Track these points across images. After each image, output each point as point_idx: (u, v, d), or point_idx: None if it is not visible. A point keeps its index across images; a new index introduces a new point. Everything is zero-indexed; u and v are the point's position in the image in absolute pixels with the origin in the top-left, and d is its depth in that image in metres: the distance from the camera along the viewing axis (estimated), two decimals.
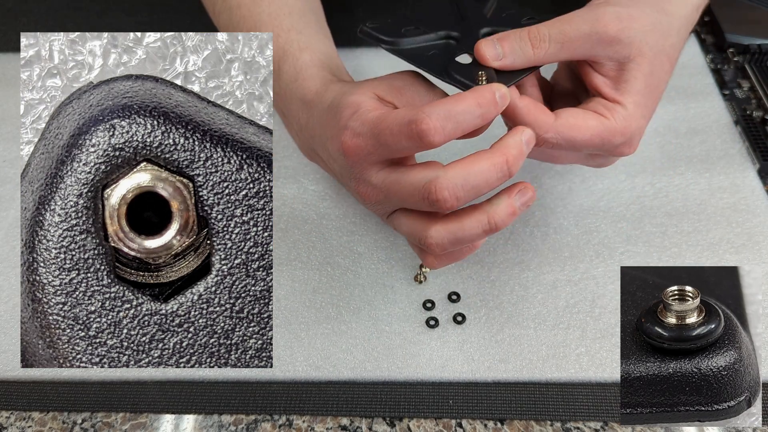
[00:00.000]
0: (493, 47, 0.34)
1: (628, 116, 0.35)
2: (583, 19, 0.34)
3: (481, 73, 0.33)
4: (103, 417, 0.39)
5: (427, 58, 0.35)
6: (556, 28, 0.34)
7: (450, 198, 0.31)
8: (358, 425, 0.38)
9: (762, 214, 0.47)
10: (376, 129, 0.32)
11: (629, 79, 0.35)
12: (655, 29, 0.35)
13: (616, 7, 0.34)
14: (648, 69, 0.35)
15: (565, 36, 0.34)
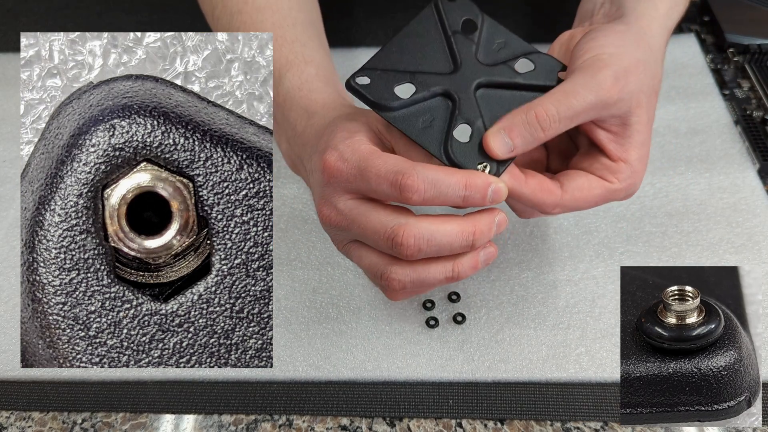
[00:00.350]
0: (503, 142, 0.33)
1: (633, 173, 0.36)
2: (587, 89, 0.33)
3: (485, 165, 0.32)
4: (103, 417, 0.39)
5: (423, 130, 0.33)
6: (563, 104, 0.33)
7: (413, 247, 0.32)
8: (358, 425, 0.38)
9: (762, 214, 0.47)
10: (364, 163, 0.32)
11: (632, 133, 0.35)
12: (646, 72, 0.35)
13: (612, 67, 0.34)
14: (646, 117, 0.36)
15: (574, 111, 0.33)
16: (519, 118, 0.33)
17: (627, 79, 0.34)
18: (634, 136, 0.35)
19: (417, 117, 0.33)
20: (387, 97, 0.33)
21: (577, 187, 0.35)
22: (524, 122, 0.33)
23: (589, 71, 0.34)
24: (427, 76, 0.34)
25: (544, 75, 0.36)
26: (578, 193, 0.35)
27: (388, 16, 0.64)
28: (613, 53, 0.34)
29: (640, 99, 0.35)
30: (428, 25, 0.36)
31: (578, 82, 0.33)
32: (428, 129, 0.33)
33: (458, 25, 0.36)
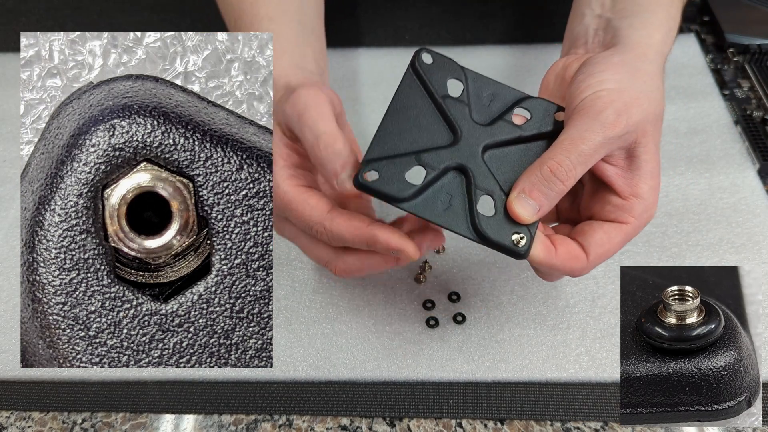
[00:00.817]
0: (527, 204, 0.32)
1: (648, 206, 0.35)
2: (592, 131, 0.33)
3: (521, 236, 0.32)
4: (103, 417, 0.39)
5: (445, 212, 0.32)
6: (574, 152, 0.33)
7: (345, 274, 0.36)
8: (358, 425, 0.38)
9: (762, 214, 0.47)
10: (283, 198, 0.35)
11: (640, 164, 0.35)
12: (650, 102, 0.35)
13: (614, 104, 0.33)
14: (653, 145, 0.35)
15: (585, 156, 0.33)
16: (535, 177, 0.33)
17: (629, 113, 0.33)
18: (642, 167, 0.35)
19: (435, 199, 0.32)
20: (400, 188, 0.32)
21: (598, 244, 0.34)
22: (541, 180, 0.32)
23: (591, 112, 0.33)
24: (432, 153, 0.33)
25: (542, 121, 0.35)
26: (601, 249, 0.34)
27: (388, 16, 0.64)
28: (613, 89, 0.34)
29: (645, 128, 0.34)
30: (414, 95, 0.35)
31: (583, 126, 0.33)
32: (450, 209, 0.32)
33: (444, 88, 0.35)
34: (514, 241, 0.32)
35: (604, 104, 0.33)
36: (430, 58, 0.35)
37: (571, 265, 0.34)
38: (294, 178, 0.36)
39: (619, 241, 0.35)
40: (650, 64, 0.37)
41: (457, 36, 0.63)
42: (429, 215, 0.32)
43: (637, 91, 0.34)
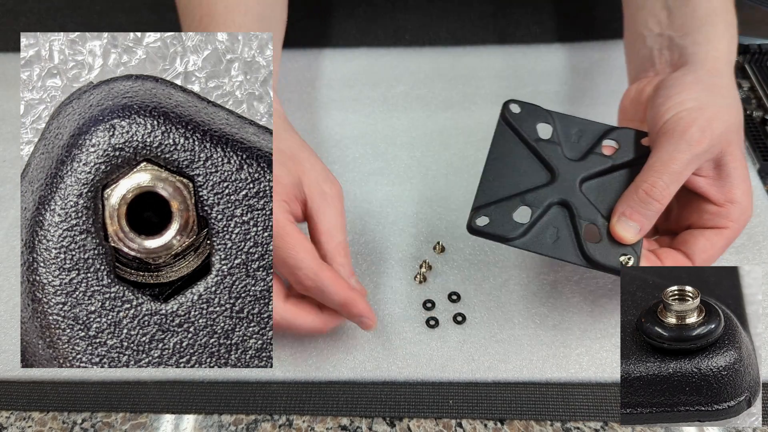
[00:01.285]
0: (628, 226, 0.35)
1: (745, 209, 0.37)
2: (680, 151, 0.35)
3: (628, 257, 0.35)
4: (103, 417, 0.39)
5: (554, 244, 0.35)
6: (666, 173, 0.35)
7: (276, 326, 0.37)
8: (358, 425, 0.38)
9: (762, 214, 0.47)
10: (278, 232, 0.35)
11: (730, 171, 0.36)
12: (730, 114, 0.37)
13: (697, 122, 0.35)
14: (738, 152, 0.37)
15: (676, 174, 0.35)
16: (633, 200, 0.35)
17: (712, 128, 0.35)
18: (732, 174, 0.36)
19: (543, 234, 0.35)
20: (510, 228, 0.35)
21: (702, 250, 0.37)
22: (638, 202, 0.35)
23: (676, 132, 0.35)
24: (534, 192, 0.36)
25: (630, 148, 0.38)
26: (705, 255, 0.37)
27: (388, 16, 0.64)
28: (693, 107, 0.36)
29: (729, 138, 0.36)
30: (508, 142, 0.38)
31: (670, 147, 0.35)
32: (558, 241, 0.35)
33: (535, 133, 0.38)
34: (623, 262, 0.35)
35: (687, 124, 0.35)
36: (518, 108, 0.39)
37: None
38: (289, 213, 0.37)
39: (722, 245, 0.37)
40: (722, 77, 0.38)
41: (457, 36, 0.63)
42: (540, 249, 0.35)
43: (717, 106, 0.36)
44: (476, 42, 0.62)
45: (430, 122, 0.55)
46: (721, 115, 0.36)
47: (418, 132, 0.55)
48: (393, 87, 0.58)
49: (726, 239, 0.37)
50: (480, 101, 0.57)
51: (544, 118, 0.39)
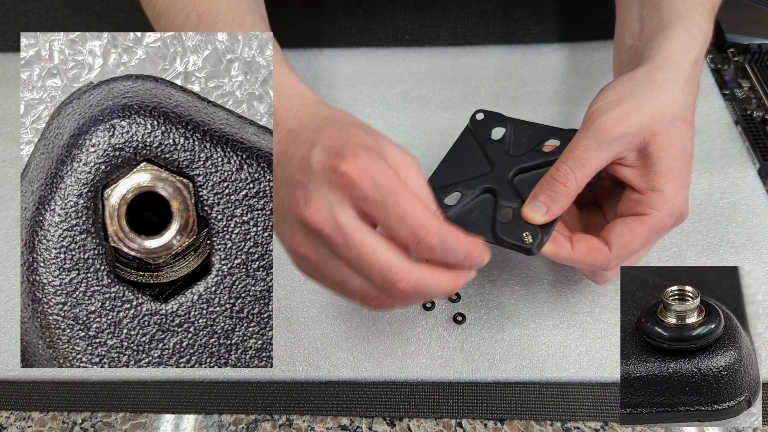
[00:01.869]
0: (536, 208, 0.37)
1: (669, 198, 0.36)
2: (587, 137, 0.36)
3: (527, 234, 0.36)
4: (103, 417, 0.39)
5: (474, 223, 0.38)
6: (570, 158, 0.37)
7: (406, 293, 0.32)
8: (358, 425, 0.38)
9: (762, 214, 0.47)
10: (393, 197, 0.31)
11: (654, 162, 0.36)
12: (655, 106, 0.37)
13: (611, 112, 0.36)
14: (666, 142, 0.37)
15: (580, 159, 0.36)
16: (542, 184, 0.37)
17: (626, 117, 0.36)
18: (656, 163, 0.36)
19: (469, 214, 0.38)
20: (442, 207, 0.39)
21: (618, 235, 0.37)
22: (545, 185, 0.37)
23: (588, 121, 0.37)
24: (471, 181, 0.40)
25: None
26: (622, 239, 0.36)
27: (388, 16, 0.64)
28: (612, 100, 0.37)
29: (654, 128, 0.36)
30: (465, 143, 0.43)
31: (579, 134, 0.37)
32: (478, 221, 0.38)
33: (488, 135, 0.42)
34: (524, 238, 0.36)
35: (599, 114, 0.37)
36: (482, 115, 0.44)
37: (593, 257, 0.36)
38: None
39: (641, 232, 0.36)
40: (665, 72, 0.38)
41: (457, 36, 0.63)
42: (461, 224, 0.36)
43: (639, 98, 0.37)
44: (476, 42, 0.62)
45: (430, 122, 0.55)
46: (643, 106, 0.36)
47: (418, 132, 0.55)
48: (393, 87, 0.58)
49: (646, 226, 0.36)
50: (480, 101, 0.57)
51: (501, 123, 0.43)
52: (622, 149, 0.36)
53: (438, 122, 0.55)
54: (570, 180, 0.36)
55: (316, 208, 0.31)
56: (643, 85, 0.38)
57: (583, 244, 0.37)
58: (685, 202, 0.37)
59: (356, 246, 0.31)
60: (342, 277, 0.33)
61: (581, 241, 0.37)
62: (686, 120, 0.38)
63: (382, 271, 0.31)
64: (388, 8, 0.65)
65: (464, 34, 0.63)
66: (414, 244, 0.31)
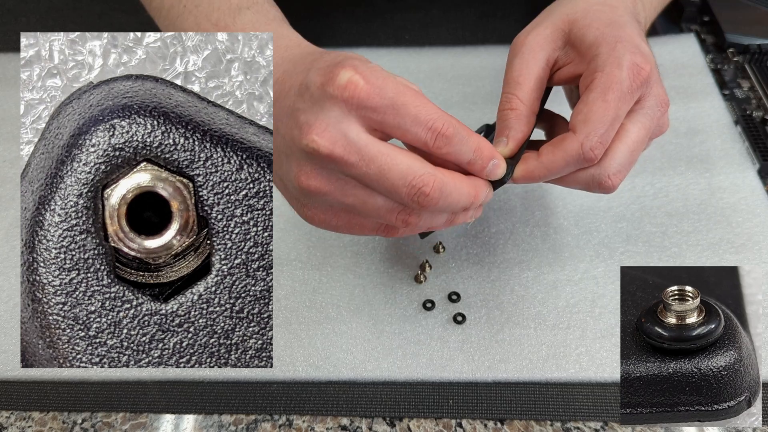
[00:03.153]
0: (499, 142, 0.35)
1: (607, 55, 0.33)
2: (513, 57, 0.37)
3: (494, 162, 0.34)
4: (103, 417, 0.39)
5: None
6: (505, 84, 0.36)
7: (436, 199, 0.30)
8: (358, 425, 0.38)
9: (762, 214, 0.47)
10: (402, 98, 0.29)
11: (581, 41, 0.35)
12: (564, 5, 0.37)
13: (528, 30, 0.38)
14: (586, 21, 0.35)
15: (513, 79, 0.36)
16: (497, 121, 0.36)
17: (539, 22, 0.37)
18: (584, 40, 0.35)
19: None
20: None
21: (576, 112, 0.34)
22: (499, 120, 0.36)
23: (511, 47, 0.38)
24: None
25: None
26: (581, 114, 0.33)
27: (388, 16, 0.64)
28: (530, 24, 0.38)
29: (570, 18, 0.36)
30: None
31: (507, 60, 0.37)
32: None
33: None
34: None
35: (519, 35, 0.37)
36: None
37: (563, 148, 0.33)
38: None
39: (595, 96, 0.33)
40: None
41: (457, 36, 0.63)
42: None
43: (548, 9, 0.38)
44: (476, 42, 0.62)
45: None
46: (554, 10, 0.37)
47: None
48: None
49: (597, 89, 0.33)
50: (480, 101, 0.57)
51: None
52: (546, 53, 0.36)
53: None
54: (513, 101, 0.35)
55: (322, 129, 0.29)
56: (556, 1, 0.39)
57: (547, 145, 0.34)
58: (631, 53, 0.33)
59: (374, 158, 0.29)
60: (362, 200, 0.31)
61: (546, 146, 0.34)
62: (606, 3, 0.36)
63: (407, 178, 0.30)
64: (388, 8, 0.65)
65: (464, 34, 0.63)
66: (432, 138, 0.30)
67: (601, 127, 0.33)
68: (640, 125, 0.35)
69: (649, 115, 0.35)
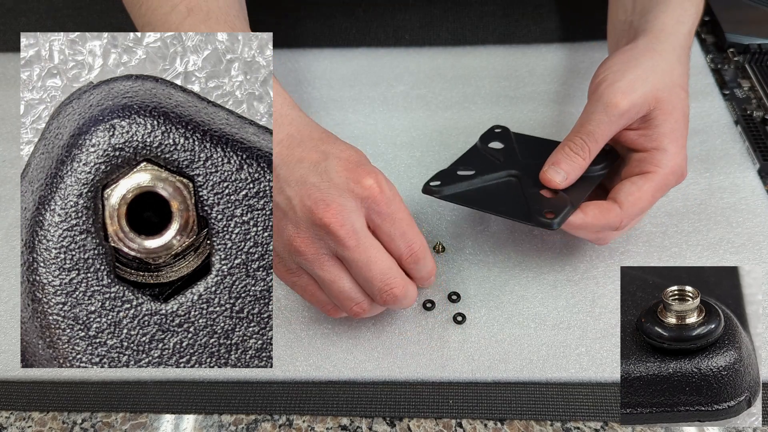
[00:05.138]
0: (557, 173, 0.40)
1: (672, 156, 0.39)
2: (597, 111, 0.39)
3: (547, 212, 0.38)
4: (103, 417, 0.39)
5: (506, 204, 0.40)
6: (584, 132, 0.39)
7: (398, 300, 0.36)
8: (358, 425, 0.38)
9: (762, 214, 0.47)
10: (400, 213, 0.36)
11: (658, 124, 0.39)
12: (657, 75, 0.39)
13: (617, 83, 0.39)
14: (669, 107, 0.39)
15: (595, 134, 0.39)
16: (559, 154, 0.40)
17: (633, 88, 0.39)
18: (660, 125, 0.39)
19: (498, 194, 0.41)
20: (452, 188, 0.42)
21: (627, 193, 0.39)
22: (564, 156, 0.40)
23: (597, 94, 0.39)
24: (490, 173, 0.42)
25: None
26: (632, 197, 0.39)
27: (388, 16, 0.64)
28: (617, 69, 0.40)
29: (658, 96, 0.39)
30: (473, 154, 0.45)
31: (590, 108, 0.40)
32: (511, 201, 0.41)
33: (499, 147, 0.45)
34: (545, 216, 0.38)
35: (607, 85, 0.39)
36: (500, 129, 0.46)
37: (606, 217, 0.39)
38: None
39: (648, 188, 0.39)
40: (662, 43, 0.41)
41: (457, 36, 0.63)
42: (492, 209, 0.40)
43: (643, 68, 0.39)
44: (476, 42, 0.62)
45: (430, 122, 0.55)
46: (646, 76, 0.39)
47: (418, 132, 0.55)
48: (393, 87, 0.58)
49: (652, 183, 0.39)
50: (480, 101, 0.57)
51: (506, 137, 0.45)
52: (631, 120, 0.39)
53: (438, 122, 0.55)
54: (585, 151, 0.39)
55: (337, 212, 0.34)
56: (644, 54, 0.40)
57: (594, 206, 0.39)
58: (685, 161, 0.40)
59: (367, 249, 0.35)
60: (333, 278, 0.36)
61: (591, 205, 0.39)
62: (684, 88, 0.40)
63: (386, 275, 0.36)
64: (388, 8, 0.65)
65: (464, 34, 0.63)
66: (408, 254, 0.37)
67: (640, 214, 0.40)
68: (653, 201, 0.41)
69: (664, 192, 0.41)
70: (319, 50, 0.62)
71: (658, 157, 0.39)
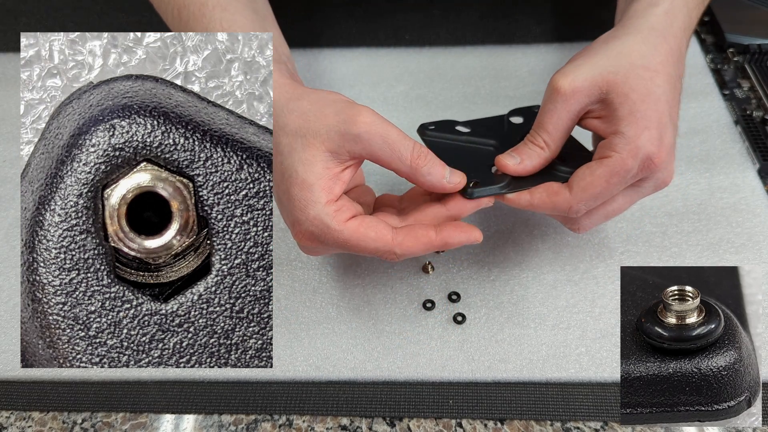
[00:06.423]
0: (511, 157, 0.38)
1: (629, 140, 0.36)
2: (545, 100, 0.38)
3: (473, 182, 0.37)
4: (103, 417, 0.39)
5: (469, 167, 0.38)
6: (536, 124, 0.39)
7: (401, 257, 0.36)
8: (358, 425, 0.38)
9: (762, 214, 0.47)
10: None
11: (615, 108, 0.37)
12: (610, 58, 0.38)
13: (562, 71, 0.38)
14: (625, 89, 0.37)
15: (544, 124, 0.38)
16: (520, 144, 0.39)
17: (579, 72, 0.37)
18: (617, 110, 0.37)
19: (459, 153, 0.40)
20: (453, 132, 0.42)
21: (579, 177, 0.37)
22: (522, 144, 0.39)
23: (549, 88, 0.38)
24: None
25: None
26: (582, 182, 0.37)
27: (388, 16, 0.64)
28: (572, 62, 0.38)
29: (610, 78, 0.37)
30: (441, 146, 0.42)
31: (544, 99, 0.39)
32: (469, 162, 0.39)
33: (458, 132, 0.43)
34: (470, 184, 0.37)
35: (557, 78, 0.38)
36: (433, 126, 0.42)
37: (552, 200, 0.37)
38: (340, 212, 0.35)
39: (601, 173, 0.36)
40: (624, 27, 0.40)
41: (457, 36, 0.63)
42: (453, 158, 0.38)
43: (593, 53, 0.38)
44: (476, 42, 0.62)
45: None
46: (596, 60, 0.37)
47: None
48: (393, 87, 0.58)
49: (606, 168, 0.36)
50: (480, 101, 0.57)
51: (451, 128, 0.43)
52: (580, 105, 0.37)
53: None
54: (539, 140, 0.38)
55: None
56: (602, 43, 0.39)
57: (543, 189, 0.38)
58: (651, 144, 0.36)
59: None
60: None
61: (540, 187, 0.38)
62: (648, 68, 0.38)
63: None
64: (388, 8, 0.65)
65: (464, 34, 0.63)
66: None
67: (593, 201, 0.37)
68: (628, 199, 0.39)
69: (642, 193, 0.39)
70: (319, 50, 0.62)
71: (614, 142, 0.37)
